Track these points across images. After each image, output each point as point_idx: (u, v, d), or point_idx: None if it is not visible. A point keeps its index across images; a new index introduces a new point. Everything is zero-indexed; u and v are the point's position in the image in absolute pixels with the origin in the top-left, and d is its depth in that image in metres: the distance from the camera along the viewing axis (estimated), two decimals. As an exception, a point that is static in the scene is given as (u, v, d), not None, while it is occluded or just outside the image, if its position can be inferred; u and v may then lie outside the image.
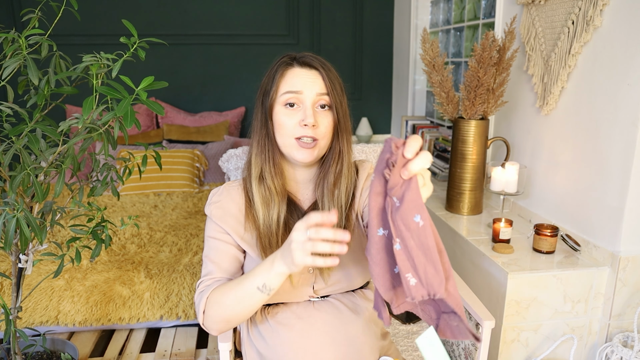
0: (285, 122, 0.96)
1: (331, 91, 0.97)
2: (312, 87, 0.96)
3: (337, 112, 0.98)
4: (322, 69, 0.97)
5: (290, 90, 0.96)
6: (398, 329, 1.42)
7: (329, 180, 1.02)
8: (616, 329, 1.50)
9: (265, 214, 1.00)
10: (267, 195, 1.00)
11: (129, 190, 2.82)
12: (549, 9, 1.70)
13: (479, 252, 1.63)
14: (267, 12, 3.42)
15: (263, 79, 1.01)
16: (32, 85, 1.17)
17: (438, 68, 1.91)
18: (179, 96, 3.51)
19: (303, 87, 0.96)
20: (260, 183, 1.01)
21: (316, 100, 0.96)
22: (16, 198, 1.07)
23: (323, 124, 0.97)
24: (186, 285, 1.97)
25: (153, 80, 0.96)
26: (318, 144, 0.97)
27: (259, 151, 1.01)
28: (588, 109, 1.56)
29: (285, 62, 0.99)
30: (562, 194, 1.70)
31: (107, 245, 1.22)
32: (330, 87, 0.97)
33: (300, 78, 0.96)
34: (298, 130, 0.95)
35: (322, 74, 0.97)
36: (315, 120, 0.95)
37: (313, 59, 0.98)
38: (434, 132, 2.92)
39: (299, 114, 0.96)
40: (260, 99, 1.01)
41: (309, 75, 0.97)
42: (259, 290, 0.86)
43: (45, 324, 1.91)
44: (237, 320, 0.93)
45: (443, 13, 3.00)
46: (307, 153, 0.96)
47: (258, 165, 1.01)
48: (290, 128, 0.96)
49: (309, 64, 0.98)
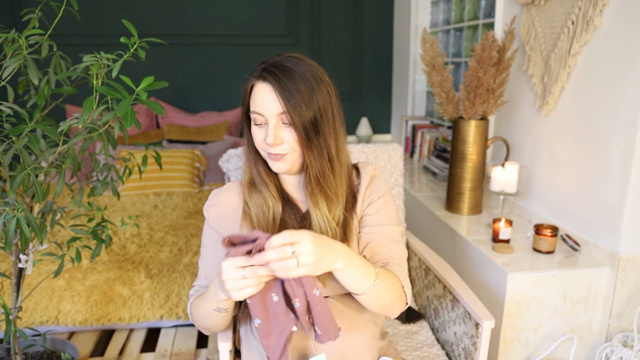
0: (256, 136, 0.97)
1: (286, 110, 0.91)
2: (271, 107, 0.92)
3: (298, 128, 0.93)
4: (277, 86, 0.91)
5: (254, 110, 0.95)
6: (398, 329, 1.42)
7: (307, 190, 1.01)
8: (616, 328, 1.50)
9: (260, 216, 1.02)
10: (260, 201, 1.02)
11: (129, 190, 2.82)
12: (549, 9, 1.70)
13: (478, 252, 1.63)
14: (267, 12, 3.42)
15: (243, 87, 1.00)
16: (32, 85, 1.17)
17: (438, 68, 1.91)
18: (179, 96, 3.51)
19: (262, 108, 0.93)
20: (251, 189, 1.03)
21: (277, 118, 0.93)
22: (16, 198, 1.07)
23: (287, 141, 0.95)
24: (186, 285, 1.97)
25: (153, 80, 0.96)
26: (287, 157, 0.96)
27: (247, 159, 1.04)
28: (588, 109, 1.56)
29: (256, 74, 0.95)
30: (562, 194, 1.70)
31: (107, 245, 1.22)
32: (285, 105, 0.91)
33: (261, 96, 0.93)
34: (265, 146, 0.96)
35: (275, 89, 0.92)
36: (278, 137, 0.93)
37: (275, 71, 0.93)
38: (434, 132, 2.92)
39: (264, 131, 0.96)
40: (244, 108, 1.00)
41: (267, 92, 0.92)
42: (217, 311, 0.93)
43: (46, 324, 1.91)
44: (216, 329, 1.02)
45: (443, 13, 3.00)
46: (279, 164, 0.97)
47: (247, 172, 1.04)
48: (260, 142, 0.97)
49: (266, 79, 0.92)
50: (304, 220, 1.03)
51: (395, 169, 1.53)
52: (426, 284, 1.47)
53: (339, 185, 1.02)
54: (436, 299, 1.40)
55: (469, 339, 1.20)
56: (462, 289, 1.26)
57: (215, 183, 3.07)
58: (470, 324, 1.19)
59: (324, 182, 0.99)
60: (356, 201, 1.06)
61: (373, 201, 1.07)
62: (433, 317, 1.43)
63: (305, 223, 1.03)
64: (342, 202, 1.02)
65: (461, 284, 1.29)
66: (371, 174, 1.09)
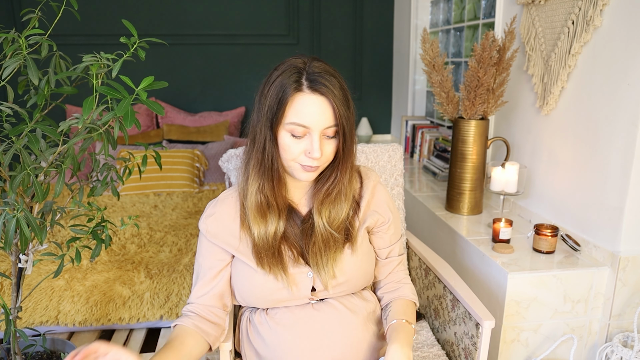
0: (291, 147, 0.93)
1: (339, 121, 0.91)
2: (321, 121, 0.90)
3: (342, 138, 0.94)
4: (332, 97, 0.89)
5: (297, 122, 0.90)
6: (398, 329, 1.42)
7: (318, 198, 1.02)
8: (616, 329, 1.50)
9: (261, 225, 0.99)
10: (264, 208, 0.99)
11: (129, 190, 2.82)
12: (549, 9, 1.70)
13: (479, 252, 1.63)
14: (267, 12, 3.42)
15: (269, 91, 0.92)
16: (32, 85, 1.17)
17: (438, 68, 1.91)
18: (179, 96, 3.51)
19: (311, 121, 0.89)
20: (259, 214, 0.99)
21: (324, 132, 0.92)
22: (16, 198, 1.07)
23: (327, 152, 0.94)
24: (186, 286, 1.97)
25: (153, 80, 0.95)
26: (319, 168, 0.97)
27: (253, 179, 0.98)
28: (588, 109, 1.56)
29: (294, 82, 0.89)
30: (562, 194, 1.70)
31: (107, 245, 1.22)
32: (339, 117, 0.90)
33: (309, 109, 0.89)
34: (302, 158, 0.93)
35: (332, 104, 0.89)
36: (321, 150, 0.92)
37: (324, 82, 0.89)
38: (434, 132, 2.92)
39: (305, 144, 0.92)
40: (264, 111, 0.93)
41: (319, 104, 0.89)
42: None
43: (45, 324, 1.91)
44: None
45: (443, 13, 3.00)
46: (310, 175, 0.96)
47: (254, 195, 0.99)
48: (294, 154, 0.93)
49: (319, 90, 0.89)
50: (304, 224, 1.03)
51: (395, 169, 1.53)
52: (426, 284, 1.46)
53: (349, 193, 1.03)
54: (436, 299, 1.40)
55: (469, 339, 1.20)
56: (462, 289, 1.26)
57: (215, 183, 3.07)
58: (470, 324, 1.19)
59: (338, 194, 1.01)
60: (359, 207, 1.07)
61: (384, 223, 1.09)
62: (433, 317, 1.43)
63: (305, 226, 1.03)
64: (347, 210, 1.03)
65: (461, 284, 1.29)
66: (374, 181, 1.10)
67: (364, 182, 1.09)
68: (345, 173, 1.00)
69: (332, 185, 1.00)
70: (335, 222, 1.01)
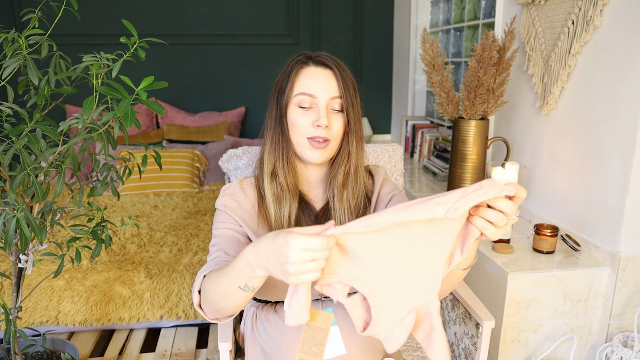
0: (299, 121, 0.97)
1: (344, 94, 0.97)
2: (325, 90, 0.96)
3: (347, 115, 0.99)
4: (336, 69, 0.97)
5: (304, 92, 0.96)
6: (398, 329, 1.42)
7: (338, 181, 1.03)
8: (616, 329, 1.50)
9: (276, 211, 1.01)
10: (278, 192, 1.01)
11: (129, 190, 2.82)
12: (549, 9, 1.70)
13: (479, 252, 1.63)
14: (267, 12, 3.42)
15: (278, 77, 1.02)
16: (32, 85, 1.17)
17: (438, 68, 1.91)
18: (179, 96, 3.51)
19: (317, 89, 0.96)
20: (273, 180, 1.02)
21: (329, 103, 0.97)
22: (16, 198, 1.07)
23: (335, 126, 0.98)
24: (186, 285, 1.97)
25: (153, 80, 0.95)
26: (329, 144, 0.98)
27: (273, 148, 1.02)
28: (588, 109, 1.56)
29: (301, 60, 0.99)
30: (562, 194, 1.70)
31: (107, 245, 1.22)
32: (344, 90, 0.97)
33: (314, 79, 0.97)
34: (311, 130, 0.97)
35: (336, 75, 0.97)
36: (328, 121, 0.96)
37: (328, 58, 0.99)
38: (434, 132, 2.92)
39: (313, 114, 0.97)
40: (275, 96, 1.01)
41: (324, 75, 0.97)
42: (243, 290, 0.80)
43: (45, 324, 1.91)
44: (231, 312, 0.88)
45: (443, 13, 3.00)
46: (318, 153, 0.98)
47: (271, 162, 1.02)
48: (303, 127, 0.97)
49: (324, 63, 0.98)
50: (317, 220, 1.04)
51: (395, 169, 1.53)
52: (426, 284, 1.47)
53: (362, 182, 1.05)
54: (436, 299, 1.40)
55: (469, 339, 1.20)
56: (462, 289, 1.26)
57: (215, 183, 3.07)
58: (470, 324, 1.19)
59: (355, 175, 1.03)
60: (370, 202, 1.08)
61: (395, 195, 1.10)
62: (433, 317, 1.43)
63: (320, 222, 1.03)
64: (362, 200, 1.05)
65: (461, 284, 1.29)
66: (383, 177, 1.12)
67: (375, 178, 1.11)
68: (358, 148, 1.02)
69: (349, 164, 1.02)
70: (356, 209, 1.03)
